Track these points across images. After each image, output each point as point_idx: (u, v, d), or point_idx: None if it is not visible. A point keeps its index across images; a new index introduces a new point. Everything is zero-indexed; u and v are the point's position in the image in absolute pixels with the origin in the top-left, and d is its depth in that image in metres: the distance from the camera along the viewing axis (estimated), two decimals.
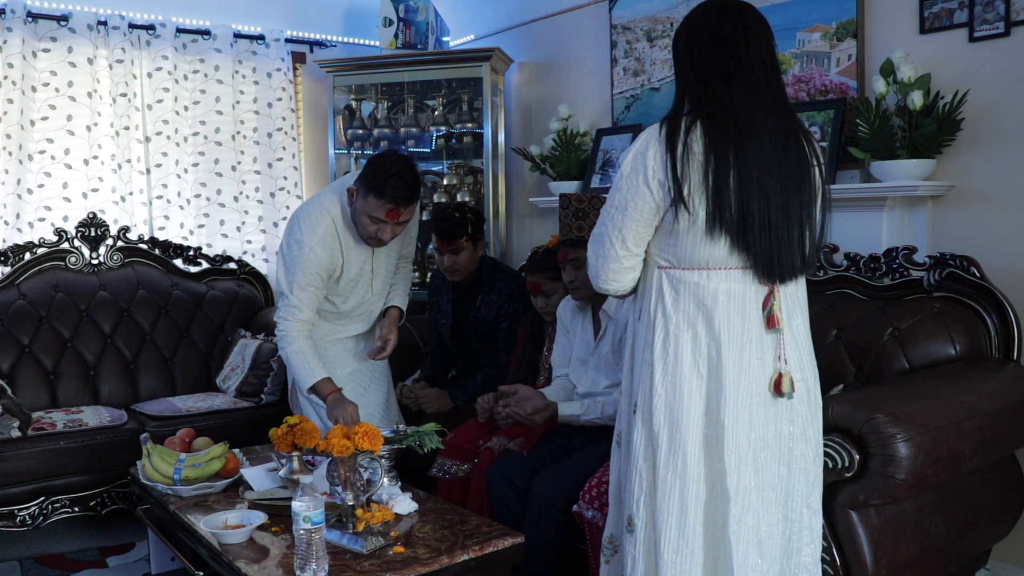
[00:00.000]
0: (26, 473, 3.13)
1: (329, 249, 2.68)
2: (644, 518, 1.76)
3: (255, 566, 1.99)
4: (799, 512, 1.76)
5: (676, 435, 1.71)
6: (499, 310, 3.25)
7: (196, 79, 4.31)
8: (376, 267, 2.85)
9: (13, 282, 3.73)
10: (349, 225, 2.70)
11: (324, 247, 2.66)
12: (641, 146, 1.71)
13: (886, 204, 2.76)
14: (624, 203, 1.73)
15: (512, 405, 2.66)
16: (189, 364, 3.93)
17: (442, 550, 2.02)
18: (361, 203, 2.60)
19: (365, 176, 2.59)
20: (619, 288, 1.84)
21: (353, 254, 2.75)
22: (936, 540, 2.11)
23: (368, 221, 2.61)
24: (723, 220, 1.65)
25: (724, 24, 1.70)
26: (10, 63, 3.81)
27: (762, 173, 1.64)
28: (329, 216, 2.68)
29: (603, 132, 3.81)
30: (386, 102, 4.63)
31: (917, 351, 2.43)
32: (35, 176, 3.94)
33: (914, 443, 1.88)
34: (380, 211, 2.57)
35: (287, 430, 2.25)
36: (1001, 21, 2.59)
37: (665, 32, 3.63)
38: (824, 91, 3.03)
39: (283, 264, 2.72)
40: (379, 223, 2.61)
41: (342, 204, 2.70)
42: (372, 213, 2.58)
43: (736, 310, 1.70)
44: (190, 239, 4.30)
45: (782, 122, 1.68)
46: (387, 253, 2.87)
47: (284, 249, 2.73)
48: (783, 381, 1.70)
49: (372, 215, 2.59)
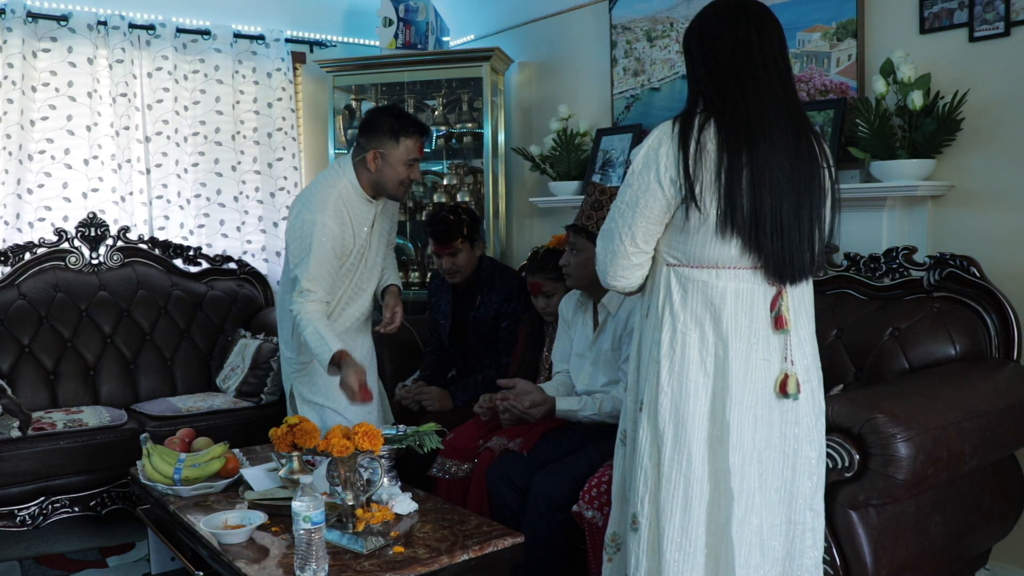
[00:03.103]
0: (26, 473, 3.13)
1: (341, 223, 2.71)
2: (648, 516, 1.75)
3: (255, 566, 1.99)
4: (802, 514, 1.76)
5: (681, 434, 1.71)
6: (499, 310, 3.25)
7: (196, 79, 4.31)
8: (372, 243, 2.87)
9: (13, 282, 3.73)
10: (352, 199, 2.75)
11: (336, 221, 2.69)
12: (654, 143, 1.71)
13: (886, 204, 2.76)
14: (635, 200, 1.73)
15: (510, 399, 2.67)
16: (189, 364, 3.93)
17: (442, 550, 2.02)
18: (394, 153, 2.69)
19: (382, 132, 2.69)
20: (626, 285, 1.83)
21: (360, 226, 2.78)
22: (936, 540, 2.11)
23: (404, 168, 2.71)
24: (735, 220, 1.64)
25: (738, 23, 1.70)
26: (10, 63, 3.81)
27: (774, 174, 1.64)
28: (336, 191, 2.72)
29: (603, 132, 3.81)
30: (386, 102, 4.62)
31: (917, 351, 2.43)
32: (35, 176, 3.93)
33: (914, 443, 1.88)
34: (416, 149, 2.71)
35: (287, 430, 2.25)
36: (1001, 21, 2.59)
37: (665, 32, 3.63)
38: (824, 91, 3.03)
39: (294, 247, 2.70)
40: (413, 164, 2.72)
41: (347, 180, 2.74)
42: (410, 155, 2.70)
43: (744, 310, 1.70)
44: (190, 239, 4.30)
45: (794, 123, 1.68)
46: (379, 229, 2.89)
47: (295, 232, 2.70)
48: (789, 382, 1.70)
49: (409, 158, 2.71)
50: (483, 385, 3.16)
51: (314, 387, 2.87)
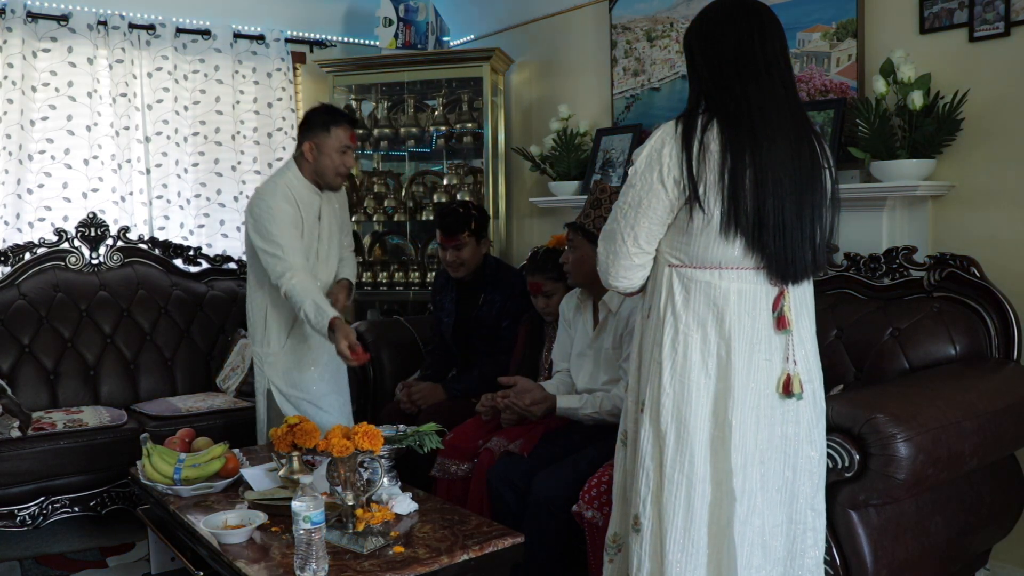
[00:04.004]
0: (26, 473, 3.13)
1: (292, 204, 2.92)
2: (651, 517, 1.75)
3: (255, 566, 1.99)
4: (803, 514, 1.76)
5: (684, 434, 1.70)
6: (501, 309, 3.26)
7: (196, 79, 4.31)
8: (323, 235, 3.03)
9: (13, 282, 3.73)
10: (297, 187, 2.95)
11: (287, 202, 2.91)
12: (657, 143, 1.71)
13: (886, 204, 2.76)
14: (638, 200, 1.73)
15: (511, 396, 2.67)
16: (189, 364, 3.93)
17: (442, 550, 2.02)
18: (327, 142, 2.92)
19: (315, 123, 2.94)
20: (628, 286, 1.83)
21: (308, 211, 2.96)
22: (936, 540, 2.11)
23: (338, 155, 2.94)
24: (739, 221, 1.64)
25: (740, 23, 1.70)
26: (10, 63, 3.81)
27: (777, 174, 1.64)
28: (283, 181, 2.95)
29: (603, 132, 3.81)
30: (386, 102, 4.63)
31: (917, 351, 2.43)
32: (35, 176, 3.94)
33: (914, 443, 1.88)
34: (346, 137, 2.95)
35: (287, 430, 2.25)
36: (1001, 21, 2.59)
37: (665, 32, 3.63)
38: (824, 91, 3.03)
39: (258, 235, 2.86)
40: (347, 151, 2.96)
41: (292, 173, 2.97)
42: (342, 143, 2.94)
43: (747, 310, 1.70)
44: (190, 239, 4.30)
45: (796, 123, 1.68)
46: (328, 223, 3.05)
47: (254, 222, 2.88)
48: (792, 382, 1.70)
49: (341, 145, 2.94)
50: (480, 380, 3.16)
51: (289, 380, 3.00)
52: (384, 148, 4.71)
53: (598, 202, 2.61)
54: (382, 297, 4.65)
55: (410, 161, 4.87)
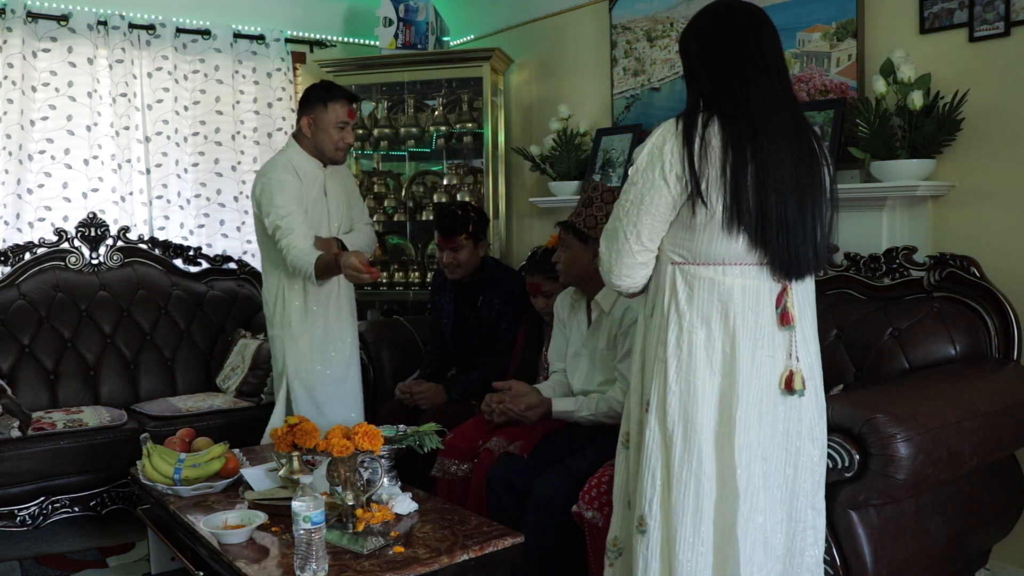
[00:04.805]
0: (26, 473, 3.13)
1: (293, 174, 2.95)
2: (657, 517, 1.74)
3: (255, 566, 1.99)
4: (804, 512, 1.76)
5: (691, 433, 1.70)
6: (500, 310, 3.25)
7: (196, 79, 4.31)
8: (330, 210, 3.06)
9: (13, 282, 3.73)
10: (298, 159, 2.98)
11: (289, 173, 2.95)
12: (658, 140, 1.71)
13: (886, 204, 2.76)
14: (640, 197, 1.72)
15: (506, 401, 2.67)
16: (189, 364, 3.93)
17: (442, 550, 2.02)
18: (324, 118, 2.95)
19: (313, 100, 2.97)
20: (631, 285, 1.83)
21: (311, 183, 2.99)
22: (936, 540, 2.11)
23: (336, 131, 2.97)
24: (741, 215, 1.65)
25: (736, 24, 1.71)
26: (10, 63, 3.81)
27: (778, 171, 1.65)
28: (284, 156, 3.01)
29: (603, 132, 3.81)
30: (386, 102, 4.62)
31: (917, 351, 2.43)
32: (35, 176, 3.94)
33: (914, 443, 1.88)
34: (344, 112, 2.97)
35: (287, 430, 2.25)
36: (1001, 21, 2.59)
37: (665, 32, 3.63)
38: (824, 91, 3.03)
39: (263, 206, 2.89)
40: (345, 126, 2.98)
41: (292, 150, 3.01)
42: (339, 119, 2.96)
43: (751, 306, 1.70)
44: (190, 239, 4.30)
45: (795, 121, 1.69)
46: (334, 199, 3.07)
47: (260, 195, 2.92)
48: (795, 378, 1.70)
49: (339, 121, 2.96)
50: (479, 382, 3.16)
51: (313, 357, 3.01)
52: (384, 148, 4.71)
53: (590, 200, 2.59)
54: (382, 297, 4.65)
55: (410, 161, 4.87)
